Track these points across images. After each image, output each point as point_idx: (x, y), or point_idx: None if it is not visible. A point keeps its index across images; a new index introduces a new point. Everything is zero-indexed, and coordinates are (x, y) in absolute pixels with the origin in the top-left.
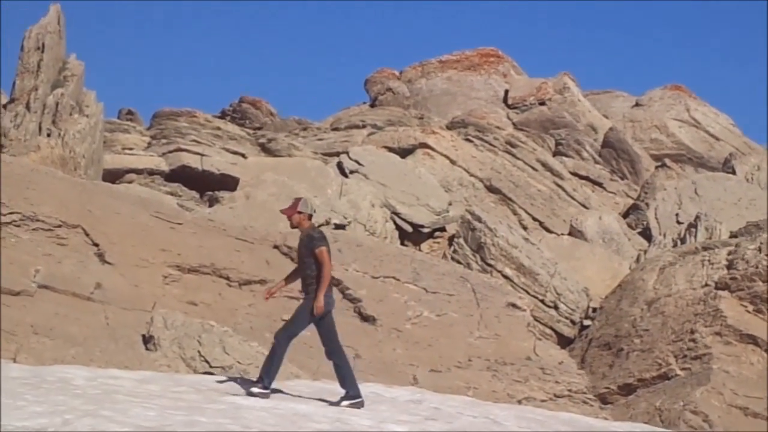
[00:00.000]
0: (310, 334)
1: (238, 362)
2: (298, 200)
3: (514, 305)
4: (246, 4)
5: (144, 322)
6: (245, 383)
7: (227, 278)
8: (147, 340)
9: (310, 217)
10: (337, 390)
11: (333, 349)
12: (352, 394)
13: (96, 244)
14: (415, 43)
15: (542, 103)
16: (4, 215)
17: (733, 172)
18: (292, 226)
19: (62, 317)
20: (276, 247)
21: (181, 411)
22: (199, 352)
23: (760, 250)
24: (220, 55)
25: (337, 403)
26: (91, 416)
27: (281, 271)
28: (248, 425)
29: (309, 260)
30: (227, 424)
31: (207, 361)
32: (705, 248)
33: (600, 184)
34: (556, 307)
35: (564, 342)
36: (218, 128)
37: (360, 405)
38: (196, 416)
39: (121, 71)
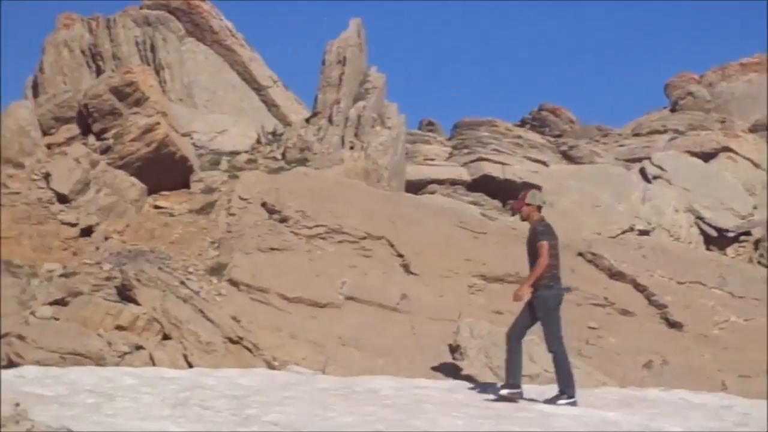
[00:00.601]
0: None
1: (545, 371)
2: (527, 192)
3: None
4: (543, 12)
5: (450, 332)
6: (551, 392)
7: None
8: (453, 349)
9: (539, 208)
10: (646, 396)
11: (552, 346)
12: (568, 393)
13: (401, 255)
14: (714, 45)
15: None
16: (310, 228)
17: None
18: (522, 219)
19: (369, 328)
20: (580, 254)
21: (489, 419)
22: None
23: None
24: (517, 62)
25: (551, 401)
26: (400, 426)
27: (587, 279)
28: None
29: (534, 255)
30: None
31: None
32: None
33: None
34: None
35: None
36: (519, 137)
37: (573, 404)
38: (504, 425)
39: (421, 82)
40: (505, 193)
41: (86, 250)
